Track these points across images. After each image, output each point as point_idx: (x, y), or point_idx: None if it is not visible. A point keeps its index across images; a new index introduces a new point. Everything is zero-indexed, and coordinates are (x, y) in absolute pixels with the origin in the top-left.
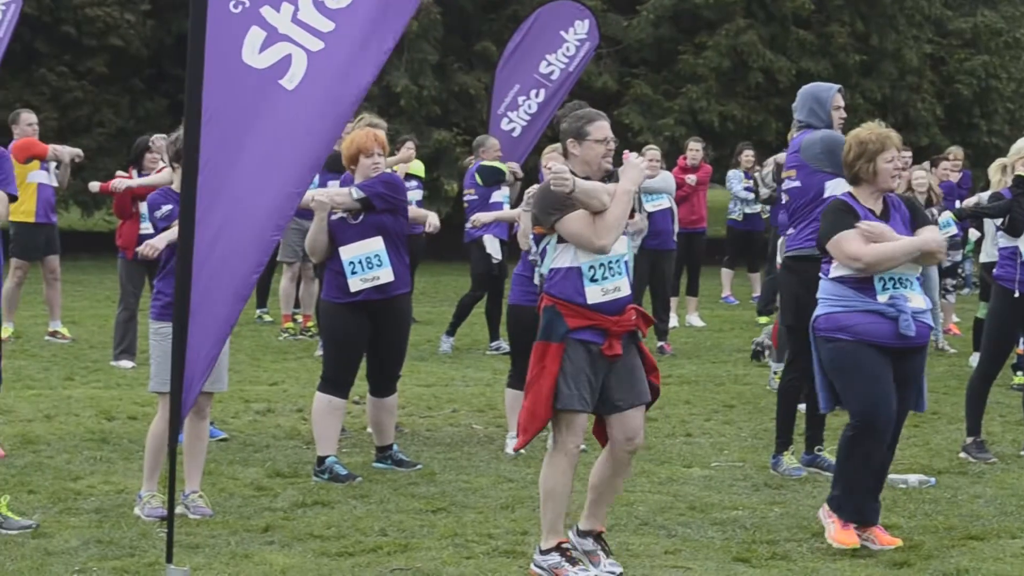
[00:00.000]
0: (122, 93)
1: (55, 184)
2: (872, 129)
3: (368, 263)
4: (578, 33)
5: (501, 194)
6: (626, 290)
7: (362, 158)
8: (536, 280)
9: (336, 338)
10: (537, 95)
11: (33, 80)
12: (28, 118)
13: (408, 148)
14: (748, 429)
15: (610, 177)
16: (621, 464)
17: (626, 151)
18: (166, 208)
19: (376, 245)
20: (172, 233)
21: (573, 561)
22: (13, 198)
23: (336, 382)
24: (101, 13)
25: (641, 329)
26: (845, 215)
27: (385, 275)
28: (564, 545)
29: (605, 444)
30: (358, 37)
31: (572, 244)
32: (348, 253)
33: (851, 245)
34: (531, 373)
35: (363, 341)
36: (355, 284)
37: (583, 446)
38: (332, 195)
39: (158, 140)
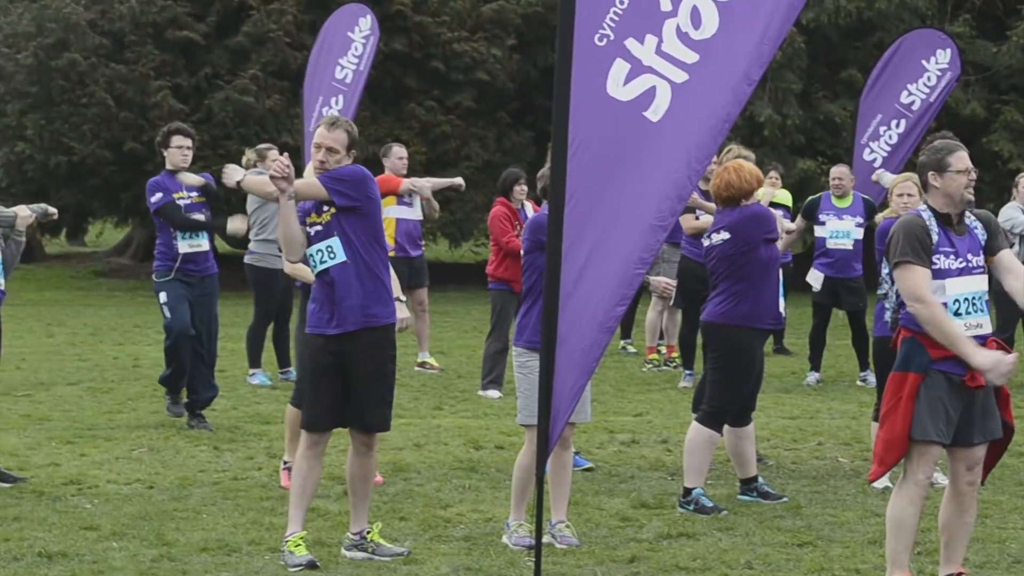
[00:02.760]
0: (488, 126)
1: (417, 217)
2: None
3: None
4: (939, 62)
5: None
6: (988, 327)
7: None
8: (887, 316)
9: (745, 370)
10: (898, 125)
11: (403, 115)
12: (398, 152)
13: (772, 178)
14: None
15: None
16: (965, 499)
17: None
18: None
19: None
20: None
21: None
22: None
23: (722, 416)
24: (468, 48)
25: None
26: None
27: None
28: None
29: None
30: (723, 68)
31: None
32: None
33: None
34: (887, 403)
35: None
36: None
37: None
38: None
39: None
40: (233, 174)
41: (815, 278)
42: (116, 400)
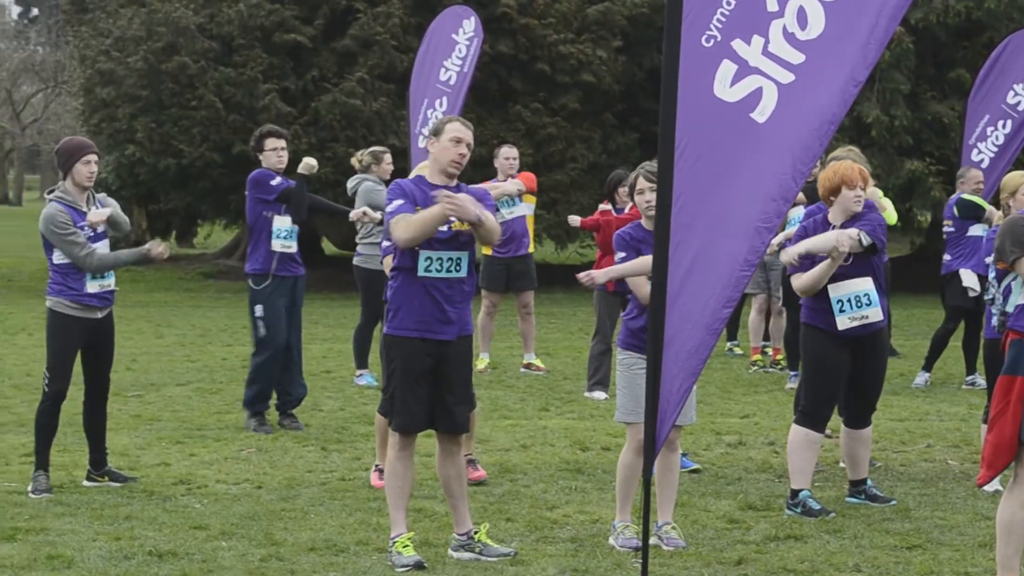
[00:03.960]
0: (594, 128)
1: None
2: None
3: (858, 302)
4: None
5: (980, 228)
6: None
7: (844, 190)
8: (995, 322)
9: (819, 370)
10: (1004, 126)
11: (509, 117)
12: (507, 152)
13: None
14: None
15: None
16: None
17: None
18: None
19: (866, 285)
20: (618, 269)
21: None
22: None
23: (815, 416)
24: (574, 50)
25: None
26: None
27: (874, 314)
28: None
29: None
30: (829, 69)
31: None
32: (838, 291)
33: None
34: (996, 407)
35: (845, 375)
36: (843, 323)
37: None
38: (847, 242)
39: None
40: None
41: (972, 280)
42: (225, 401)
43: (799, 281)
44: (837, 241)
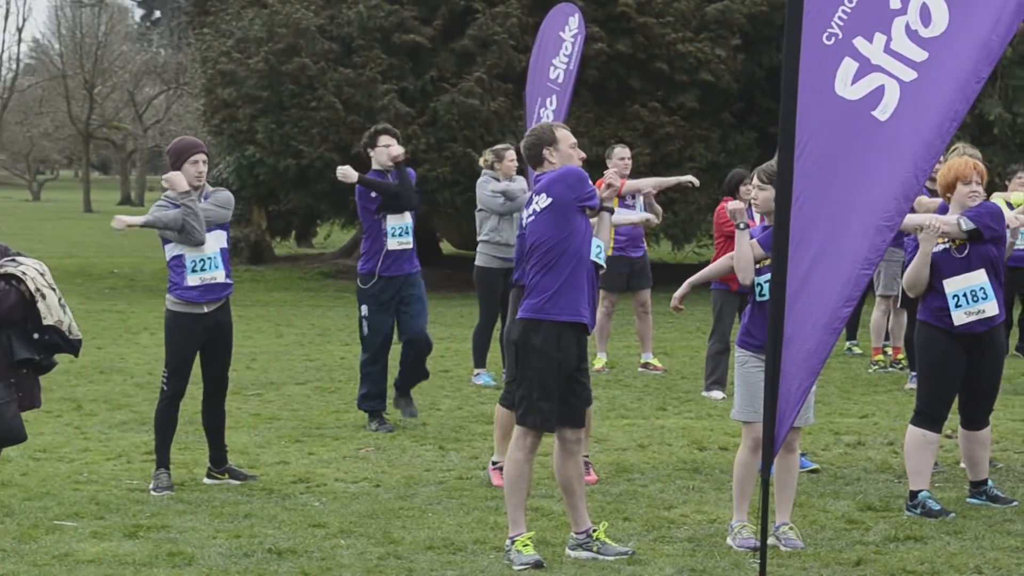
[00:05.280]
0: (712, 127)
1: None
2: None
3: (973, 296)
4: None
5: None
6: None
7: (960, 185)
8: None
9: (935, 369)
10: None
11: (627, 116)
12: (620, 152)
13: (1020, 178)
14: None
15: None
16: None
17: None
18: None
19: (981, 278)
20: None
21: None
22: None
23: (930, 416)
24: (693, 49)
25: None
26: None
27: (990, 308)
28: None
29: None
30: (953, 66)
31: None
32: (953, 286)
33: None
34: None
35: (960, 374)
36: (959, 318)
37: None
38: (939, 223)
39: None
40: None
41: None
42: (343, 400)
43: (905, 278)
44: (928, 222)
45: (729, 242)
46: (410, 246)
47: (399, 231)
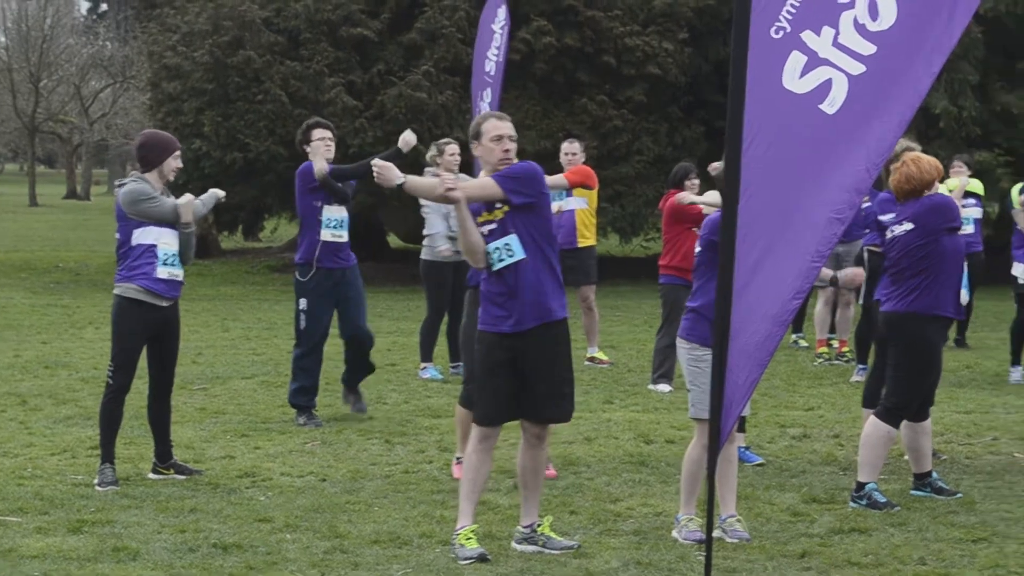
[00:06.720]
0: (660, 121)
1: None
2: None
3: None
4: None
5: None
6: None
7: (926, 192)
8: None
9: (934, 360)
10: None
11: (575, 110)
12: (566, 147)
13: (958, 167)
14: None
15: None
16: None
17: None
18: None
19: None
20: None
21: None
22: None
23: (904, 413)
24: (640, 42)
25: None
26: None
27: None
28: None
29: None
30: (902, 60)
31: None
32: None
33: None
34: None
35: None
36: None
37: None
38: None
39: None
40: (391, 175)
41: (1021, 270)
42: None
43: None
44: None
45: (682, 231)
46: (344, 239)
47: (334, 223)
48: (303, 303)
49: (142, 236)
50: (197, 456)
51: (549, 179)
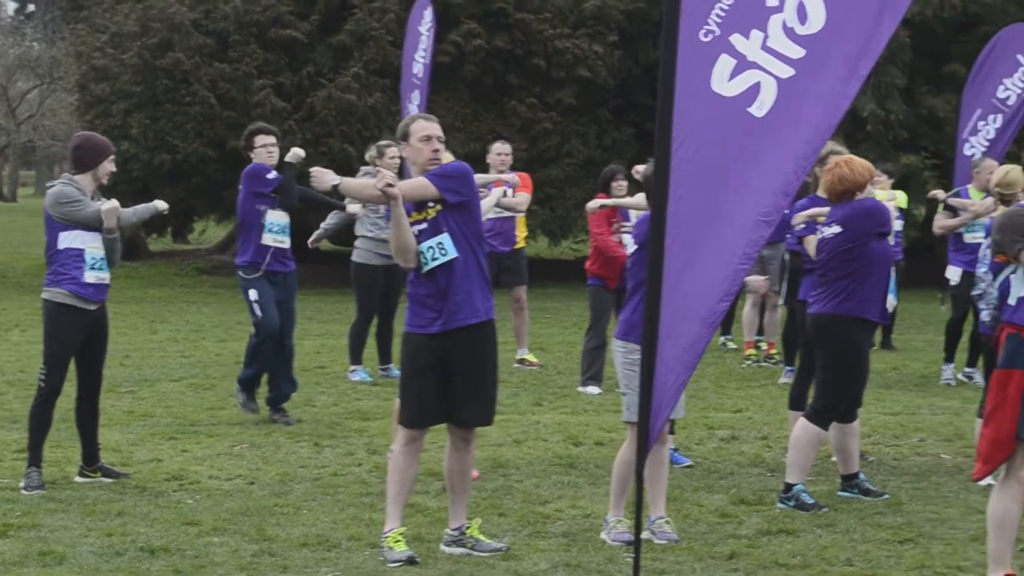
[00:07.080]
0: (589, 123)
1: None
2: None
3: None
4: None
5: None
6: None
7: (859, 194)
8: (985, 316)
9: (861, 363)
10: (995, 120)
11: (504, 112)
12: (499, 148)
13: (879, 177)
14: None
15: None
16: None
17: None
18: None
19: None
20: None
21: None
22: None
23: (833, 415)
24: (570, 45)
25: None
26: None
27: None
28: None
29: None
30: (830, 63)
31: None
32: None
33: None
34: (992, 402)
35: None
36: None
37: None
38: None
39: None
40: (326, 178)
41: (954, 272)
42: (218, 396)
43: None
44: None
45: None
46: (287, 244)
47: (276, 228)
48: (253, 294)
49: (70, 240)
50: (124, 459)
51: (520, 197)
